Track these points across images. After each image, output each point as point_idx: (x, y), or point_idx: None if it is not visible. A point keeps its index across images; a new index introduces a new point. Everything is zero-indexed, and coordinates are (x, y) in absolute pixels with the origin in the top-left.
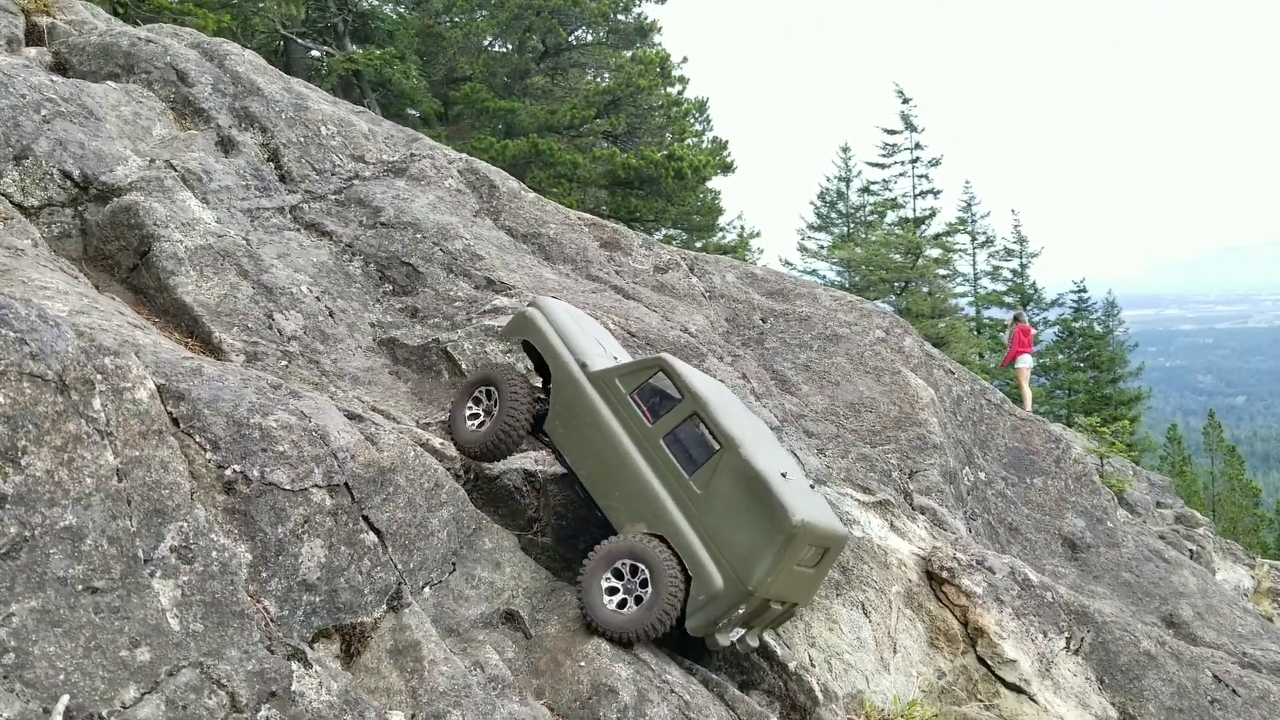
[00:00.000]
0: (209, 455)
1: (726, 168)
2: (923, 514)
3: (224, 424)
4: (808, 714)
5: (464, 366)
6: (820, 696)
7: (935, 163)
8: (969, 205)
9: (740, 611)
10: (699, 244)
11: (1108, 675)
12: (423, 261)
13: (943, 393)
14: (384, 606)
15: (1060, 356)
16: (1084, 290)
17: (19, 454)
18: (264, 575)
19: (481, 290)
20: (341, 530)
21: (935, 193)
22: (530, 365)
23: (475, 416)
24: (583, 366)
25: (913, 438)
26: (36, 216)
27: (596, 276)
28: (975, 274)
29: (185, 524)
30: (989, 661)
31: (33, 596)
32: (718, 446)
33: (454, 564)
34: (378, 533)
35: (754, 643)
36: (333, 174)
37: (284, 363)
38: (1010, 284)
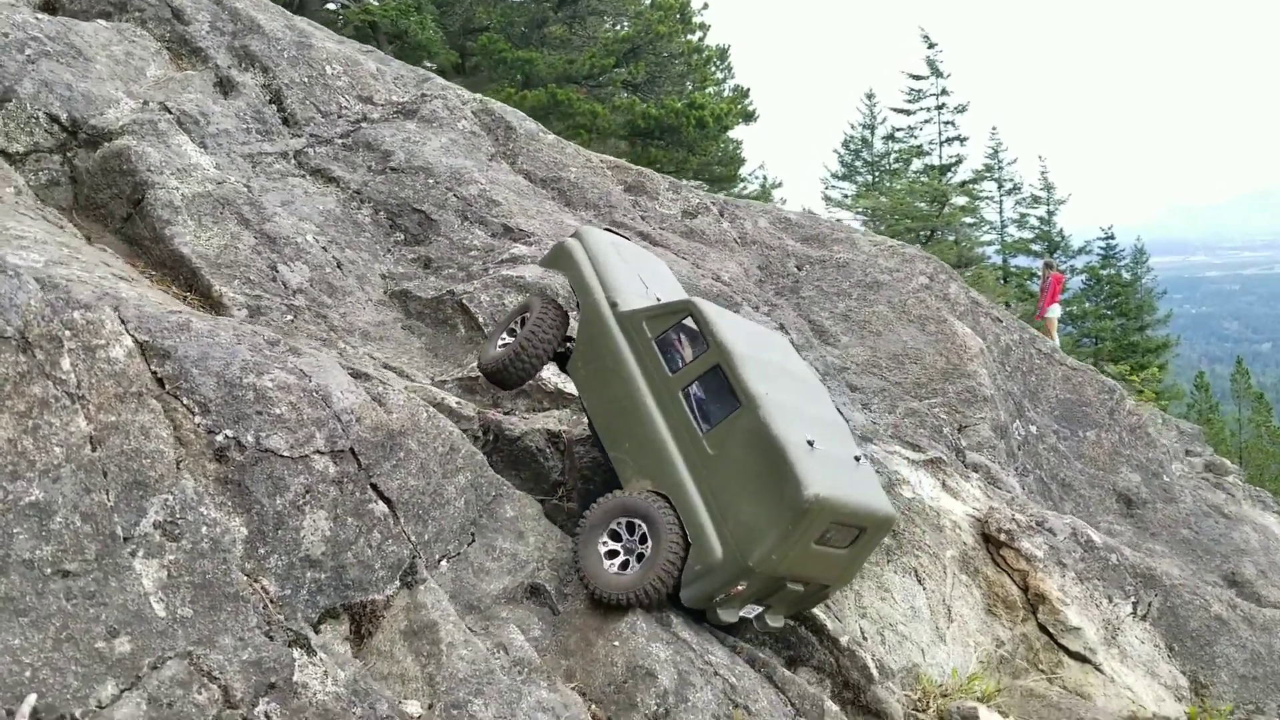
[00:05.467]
0: (198, 419)
1: (748, 116)
2: (975, 472)
3: (214, 384)
4: (861, 691)
5: (480, 320)
6: (875, 673)
7: (961, 109)
8: (995, 152)
9: (740, 588)
10: (721, 194)
11: (1177, 642)
12: (435, 208)
13: (990, 342)
14: (397, 583)
15: (1087, 304)
16: (1112, 237)
17: None
18: (261, 551)
19: (499, 238)
20: (347, 500)
21: (961, 139)
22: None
23: (505, 344)
24: (612, 305)
25: (961, 390)
26: (23, 163)
27: (621, 222)
28: (1002, 222)
29: (170, 497)
30: (1051, 629)
31: None
32: (738, 404)
33: (473, 534)
34: (388, 502)
35: (776, 623)
36: (339, 116)
37: (289, 317)
38: (1037, 231)
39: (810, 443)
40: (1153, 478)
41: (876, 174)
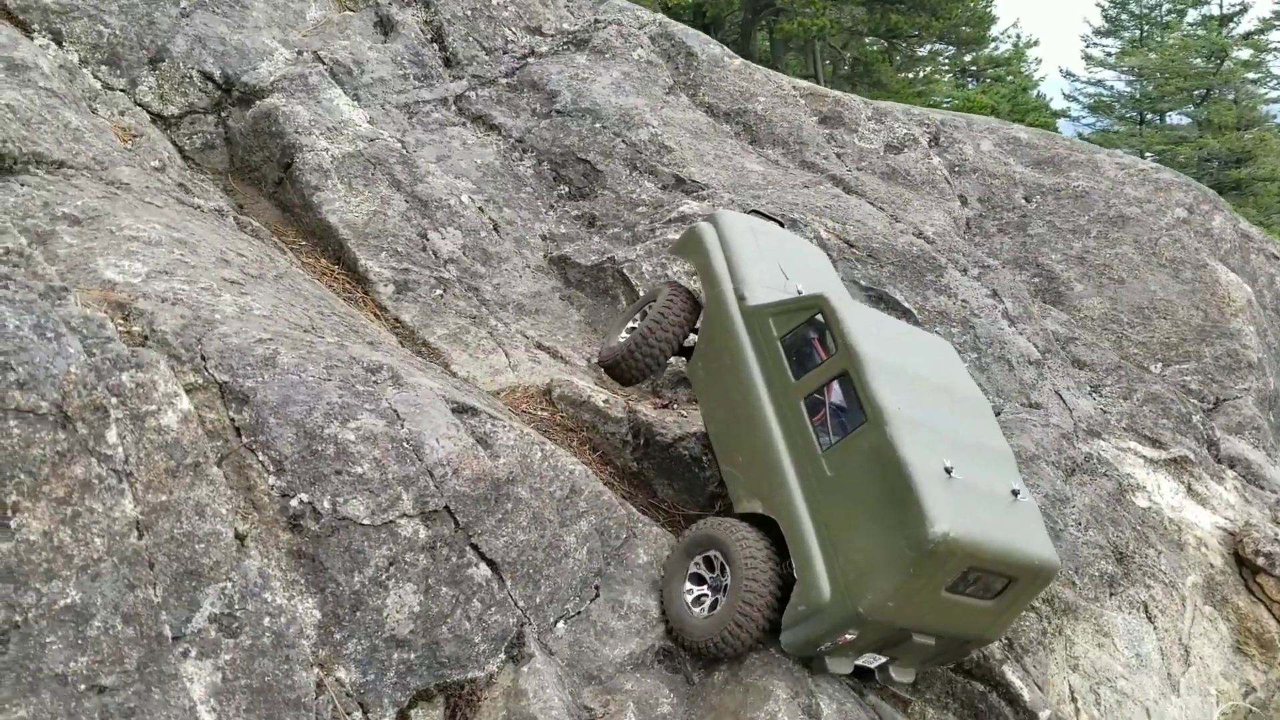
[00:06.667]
0: (272, 481)
1: None
2: (1232, 468)
3: (293, 437)
4: None
5: (641, 293)
6: None
7: None
8: None
9: (850, 637)
10: (968, 57)
11: None
12: (602, 157)
13: (1262, 285)
14: (501, 656)
15: None
16: None
17: (7, 513)
18: (338, 637)
19: (669, 191)
20: (441, 569)
21: None
22: None
23: (626, 335)
24: (739, 299)
25: (1220, 354)
26: (177, 126)
27: (812, 163)
28: None
29: (229, 584)
30: None
31: (23, 703)
32: (863, 418)
33: (597, 588)
34: (491, 564)
35: (904, 678)
36: (504, 52)
37: (439, 291)
38: None
39: (948, 470)
40: None
41: (1145, 28)
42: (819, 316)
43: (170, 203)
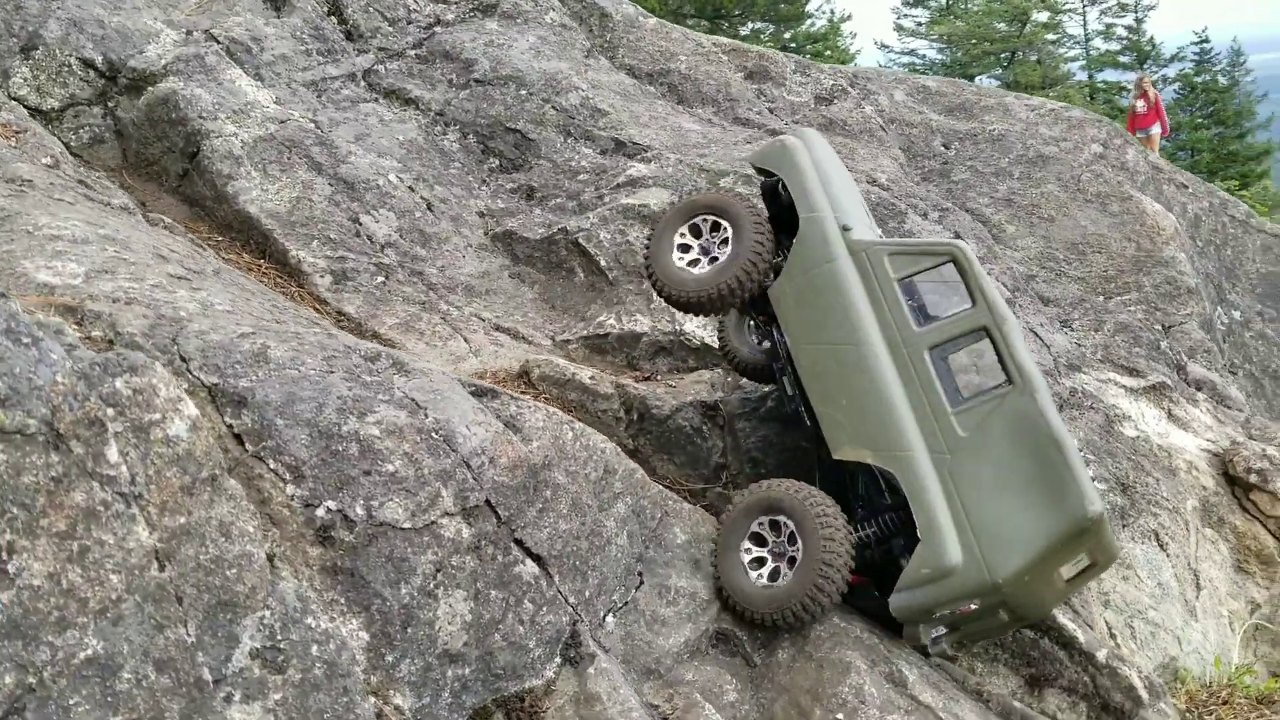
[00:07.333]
0: (290, 490)
1: None
2: (1200, 390)
3: (306, 438)
4: (1128, 718)
5: (603, 263)
6: (1144, 695)
7: None
8: None
9: (973, 607)
10: (788, 34)
11: None
12: (532, 125)
13: (1177, 214)
14: (557, 660)
15: (1182, 115)
16: (1206, 40)
17: (3, 556)
18: (390, 659)
19: (610, 155)
20: (488, 570)
21: None
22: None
23: (688, 251)
24: (844, 229)
25: (1159, 282)
26: (60, 121)
27: (747, 119)
28: (1086, 35)
29: (268, 612)
30: None
31: None
32: (1005, 381)
33: (640, 575)
34: (537, 559)
35: (951, 650)
36: (409, 22)
37: (380, 279)
38: (1125, 42)
39: (1079, 450)
40: None
41: None
42: (947, 267)
43: (80, 199)
